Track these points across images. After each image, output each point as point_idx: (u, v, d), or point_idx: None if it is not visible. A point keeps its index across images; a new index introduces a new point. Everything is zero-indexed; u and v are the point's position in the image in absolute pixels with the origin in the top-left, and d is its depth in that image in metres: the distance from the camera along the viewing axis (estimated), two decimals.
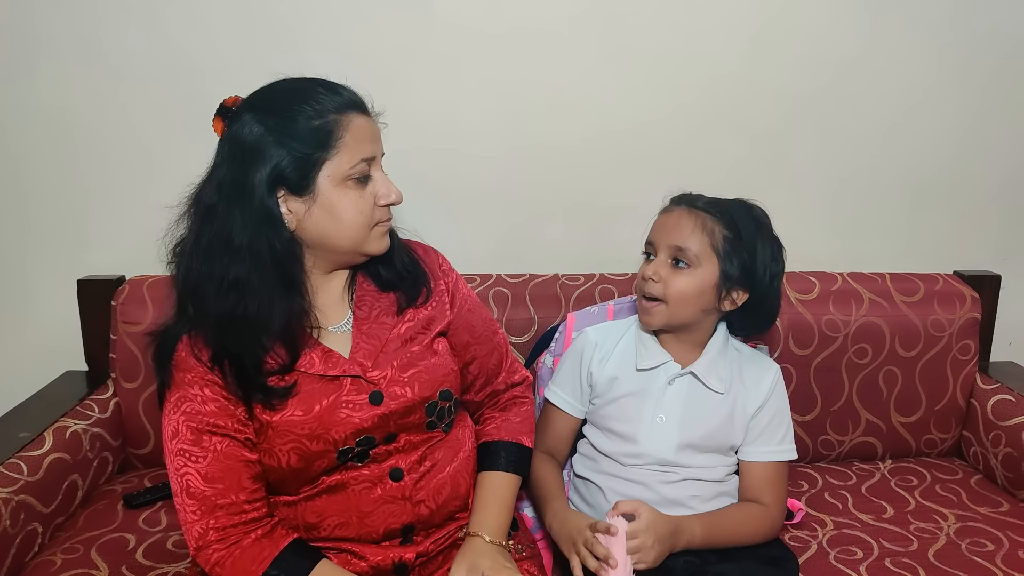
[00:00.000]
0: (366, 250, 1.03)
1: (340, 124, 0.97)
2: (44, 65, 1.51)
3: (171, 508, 1.36)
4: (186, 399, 0.97)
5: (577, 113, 1.60)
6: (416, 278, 1.11)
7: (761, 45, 1.59)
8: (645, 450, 1.20)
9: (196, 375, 0.97)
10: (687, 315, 1.18)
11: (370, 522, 1.03)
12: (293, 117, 0.96)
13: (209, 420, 0.97)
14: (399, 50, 1.54)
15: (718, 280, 1.16)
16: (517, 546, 1.14)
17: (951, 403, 1.60)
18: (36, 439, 1.29)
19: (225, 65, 1.53)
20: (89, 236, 1.60)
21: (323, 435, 0.99)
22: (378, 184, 1.01)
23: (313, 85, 0.99)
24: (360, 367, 1.03)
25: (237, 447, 0.98)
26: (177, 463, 0.97)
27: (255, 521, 0.98)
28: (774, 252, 1.19)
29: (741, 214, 1.18)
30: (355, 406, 1.01)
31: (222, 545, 0.96)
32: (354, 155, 0.98)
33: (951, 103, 1.67)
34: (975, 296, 1.60)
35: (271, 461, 1.00)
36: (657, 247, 1.18)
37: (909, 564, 1.26)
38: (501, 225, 1.65)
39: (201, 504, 0.96)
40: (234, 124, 0.97)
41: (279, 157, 0.95)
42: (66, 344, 1.59)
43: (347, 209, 0.98)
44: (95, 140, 1.55)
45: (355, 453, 1.02)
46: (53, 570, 1.18)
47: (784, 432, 1.23)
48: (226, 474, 0.96)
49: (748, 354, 1.27)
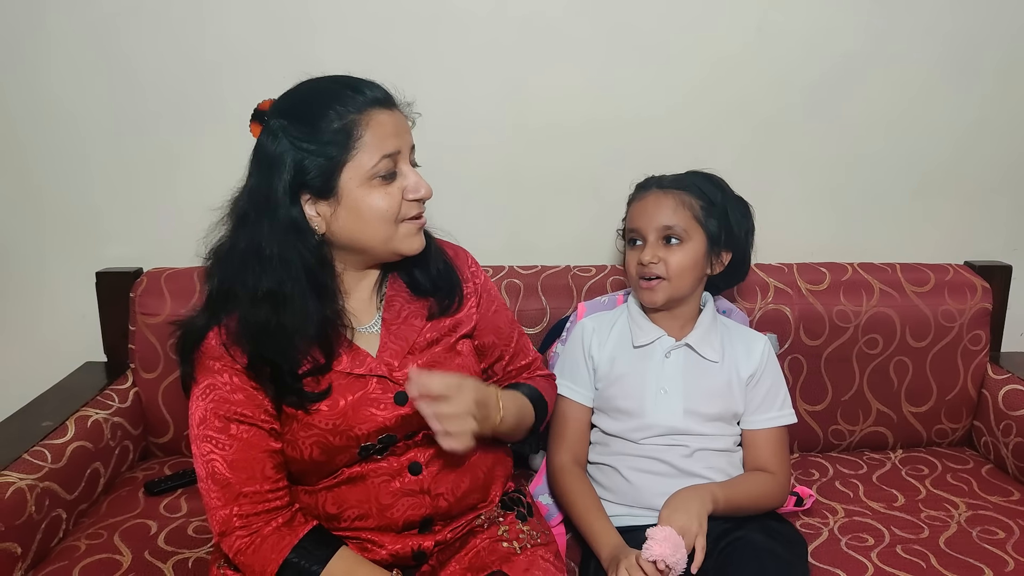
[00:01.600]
0: (398, 249, 1.03)
1: (359, 123, 0.97)
2: (61, 63, 1.53)
3: (191, 495, 1.39)
4: (215, 387, 0.99)
5: (585, 102, 1.61)
6: (451, 287, 1.12)
7: (768, 34, 1.60)
8: (653, 421, 1.23)
9: (225, 364, 0.99)
10: (688, 286, 1.24)
11: (389, 514, 1.05)
12: (313, 121, 0.96)
13: (236, 409, 0.99)
14: (405, 44, 1.55)
15: (707, 247, 1.24)
16: (532, 533, 1.16)
17: (962, 393, 1.61)
18: (59, 428, 1.32)
19: (239, 62, 1.54)
20: (107, 230, 1.62)
21: (347, 431, 1.01)
22: (407, 178, 1.01)
23: (334, 85, 0.99)
24: (387, 367, 1.05)
25: (262, 436, 1.00)
26: (204, 448, 0.99)
27: (277, 510, 1.00)
28: (743, 210, 1.29)
29: (704, 183, 1.27)
30: (380, 405, 1.03)
31: (245, 532, 0.98)
32: (375, 153, 0.97)
33: (960, 91, 1.67)
34: (986, 286, 1.60)
35: (294, 453, 1.02)
36: (645, 232, 1.24)
37: (920, 551, 1.27)
38: (512, 216, 1.67)
39: (225, 491, 0.98)
40: (264, 132, 0.99)
41: (300, 163, 0.96)
42: (85, 336, 1.62)
43: (373, 208, 0.98)
44: (112, 136, 1.57)
45: (376, 449, 1.04)
46: (78, 555, 1.21)
47: (783, 398, 1.29)
48: (250, 462, 0.98)
49: (734, 327, 1.33)
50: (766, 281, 1.56)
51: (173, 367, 1.49)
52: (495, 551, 1.09)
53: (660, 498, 1.19)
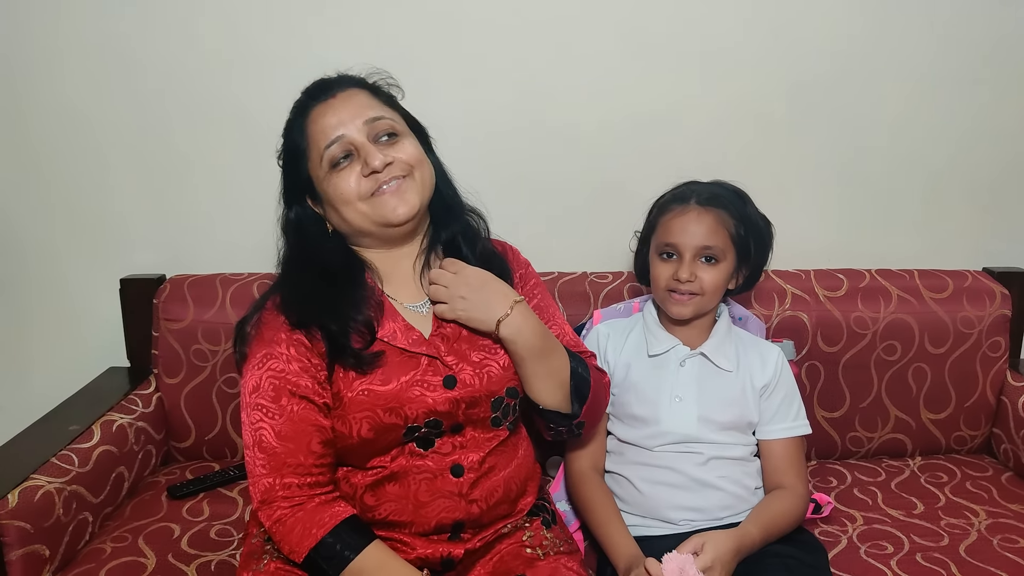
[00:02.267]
0: (383, 220, 1.05)
1: (300, 126, 1.06)
2: (82, 72, 1.56)
3: (214, 499, 1.41)
4: (272, 356, 1.02)
5: (599, 107, 1.61)
6: (501, 271, 1.14)
7: (785, 42, 1.60)
8: (668, 428, 1.24)
9: (285, 334, 1.02)
10: (715, 302, 1.27)
11: (424, 512, 1.06)
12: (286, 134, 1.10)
13: (291, 379, 1.01)
14: (420, 48, 1.57)
15: (735, 265, 1.26)
16: (555, 540, 1.16)
17: (981, 400, 1.60)
18: (85, 432, 1.34)
19: (259, 68, 1.57)
20: (131, 237, 1.64)
21: (397, 408, 1.03)
22: (361, 158, 1.04)
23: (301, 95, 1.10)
24: (438, 349, 1.07)
25: (313, 411, 1.02)
26: (254, 416, 1.01)
27: (320, 485, 1.02)
28: (764, 224, 1.30)
29: (736, 200, 1.27)
30: (430, 386, 1.04)
31: (287, 504, 0.99)
32: (318, 147, 1.04)
33: (981, 97, 1.66)
34: (1005, 293, 1.60)
35: (343, 428, 1.03)
36: (682, 249, 1.23)
37: (940, 559, 1.27)
38: (529, 222, 1.67)
39: (271, 459, 1.00)
40: None
41: (287, 174, 1.09)
42: (109, 341, 1.65)
43: (340, 196, 1.04)
44: (135, 144, 1.60)
45: (421, 434, 1.05)
46: (104, 557, 1.23)
47: (797, 408, 1.29)
48: (298, 435, 1.00)
49: (748, 337, 1.34)
50: (783, 288, 1.56)
51: (195, 372, 1.52)
52: (519, 556, 1.11)
53: (673, 510, 1.21)
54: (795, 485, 1.24)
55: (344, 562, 0.97)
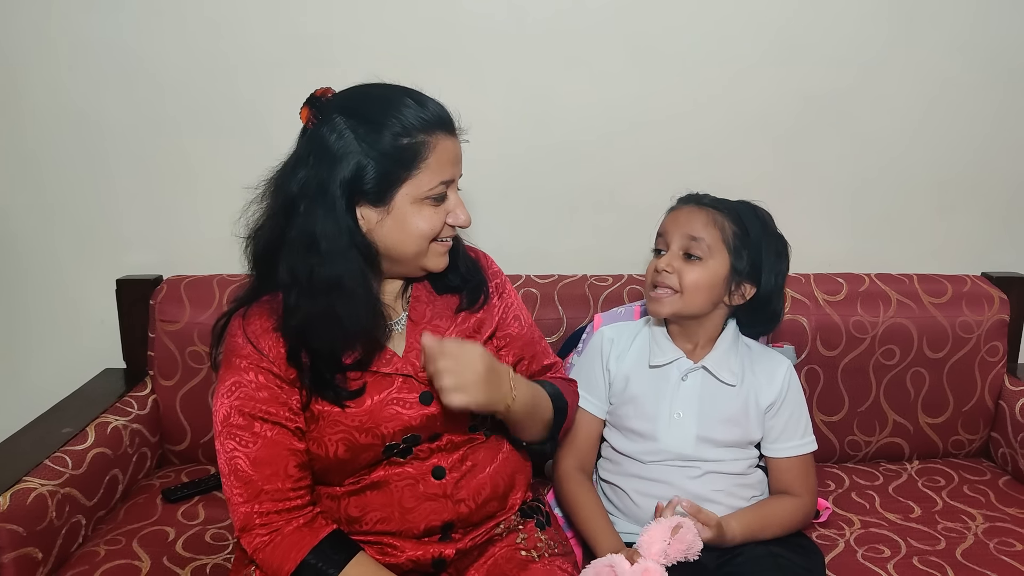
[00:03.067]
0: (425, 264, 1.05)
1: (427, 145, 0.98)
2: (81, 70, 1.55)
3: (209, 502, 1.40)
4: (240, 384, 1.00)
5: (602, 112, 1.62)
6: (479, 283, 1.13)
7: (784, 45, 1.60)
8: (664, 446, 1.22)
9: (251, 361, 1.00)
10: (698, 306, 1.21)
11: (411, 518, 1.06)
12: (381, 130, 0.96)
13: (261, 407, 1.00)
14: (424, 52, 1.57)
15: (728, 273, 1.20)
16: (550, 542, 1.16)
17: (979, 404, 1.60)
18: (79, 434, 1.33)
19: (258, 70, 1.56)
20: (127, 237, 1.64)
21: (373, 429, 1.02)
22: (451, 204, 1.03)
23: (404, 96, 1.00)
24: (412, 367, 1.05)
25: (286, 435, 1.01)
26: (227, 445, 1.00)
27: (298, 509, 1.01)
28: (779, 250, 1.24)
29: (747, 213, 1.23)
30: (406, 404, 1.03)
31: (265, 530, 0.99)
32: (435, 177, 0.99)
33: (976, 103, 1.67)
34: (1003, 298, 1.60)
35: (319, 450, 1.02)
36: (670, 239, 1.21)
37: (937, 563, 1.27)
38: (530, 226, 1.67)
39: (247, 487, 0.99)
40: (323, 123, 0.97)
41: (363, 168, 0.96)
42: (104, 342, 1.64)
43: (418, 224, 1.00)
44: (132, 144, 1.59)
45: (399, 449, 1.04)
46: (97, 560, 1.22)
47: (805, 425, 1.27)
48: (273, 460, 0.99)
49: (758, 350, 1.30)
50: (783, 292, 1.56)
51: (191, 374, 1.51)
52: (513, 559, 1.10)
53: None
54: (802, 495, 1.23)
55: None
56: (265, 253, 1.01)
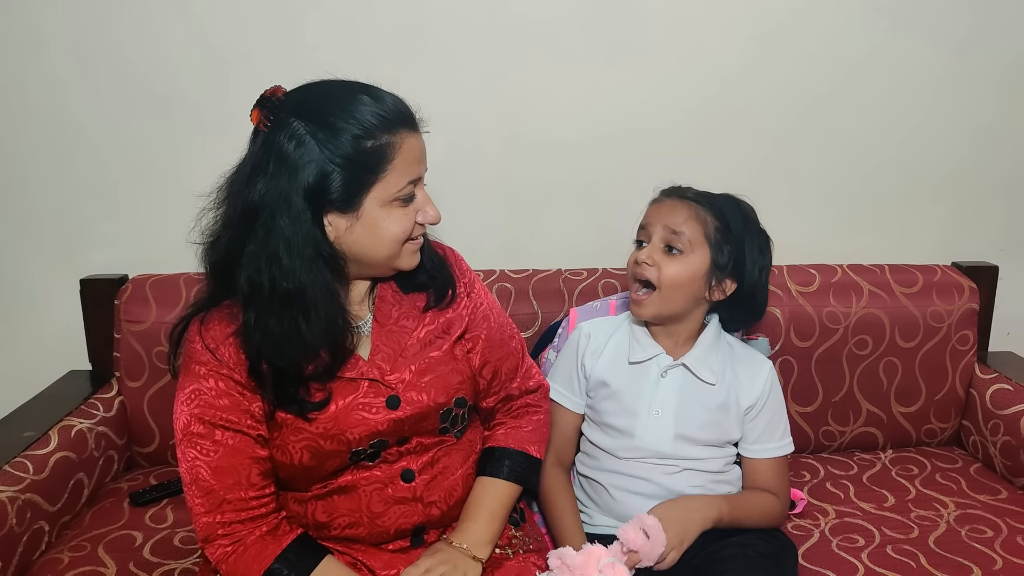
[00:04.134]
0: (397, 265, 1.02)
1: (392, 145, 0.94)
2: (43, 65, 1.51)
3: (178, 505, 1.37)
4: (200, 392, 0.97)
5: (578, 107, 1.61)
6: (445, 279, 1.10)
7: (762, 42, 1.60)
8: (642, 443, 1.21)
9: (210, 368, 0.97)
10: (678, 303, 1.19)
11: (381, 522, 1.04)
12: (341, 134, 0.92)
13: (221, 415, 0.97)
14: (397, 46, 1.55)
15: (708, 269, 1.18)
16: (525, 539, 1.15)
17: (950, 393, 1.62)
18: (41, 438, 1.30)
19: (229, 66, 1.53)
20: (91, 236, 1.60)
21: (338, 436, 0.99)
22: (420, 202, 1.00)
23: (359, 94, 0.95)
24: (379, 370, 1.03)
25: (248, 443, 0.98)
26: (188, 454, 0.97)
27: (261, 517, 0.98)
28: (762, 245, 1.23)
29: (730, 207, 1.21)
30: (372, 409, 1.01)
31: (227, 541, 0.96)
32: (403, 178, 0.96)
33: (951, 100, 1.68)
34: (973, 287, 1.61)
35: (283, 458, 1.00)
36: (651, 231, 1.20)
37: (910, 551, 1.27)
38: (504, 220, 1.66)
39: (209, 497, 0.96)
40: (279, 128, 0.93)
41: (328, 176, 0.92)
42: (69, 343, 1.60)
43: (389, 228, 0.97)
44: (96, 140, 1.55)
45: (367, 454, 1.02)
46: (61, 568, 1.18)
47: (783, 428, 1.26)
48: (235, 469, 0.97)
49: (740, 349, 1.28)
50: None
51: (159, 375, 1.48)
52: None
53: None
54: (778, 495, 1.23)
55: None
56: (223, 263, 0.96)
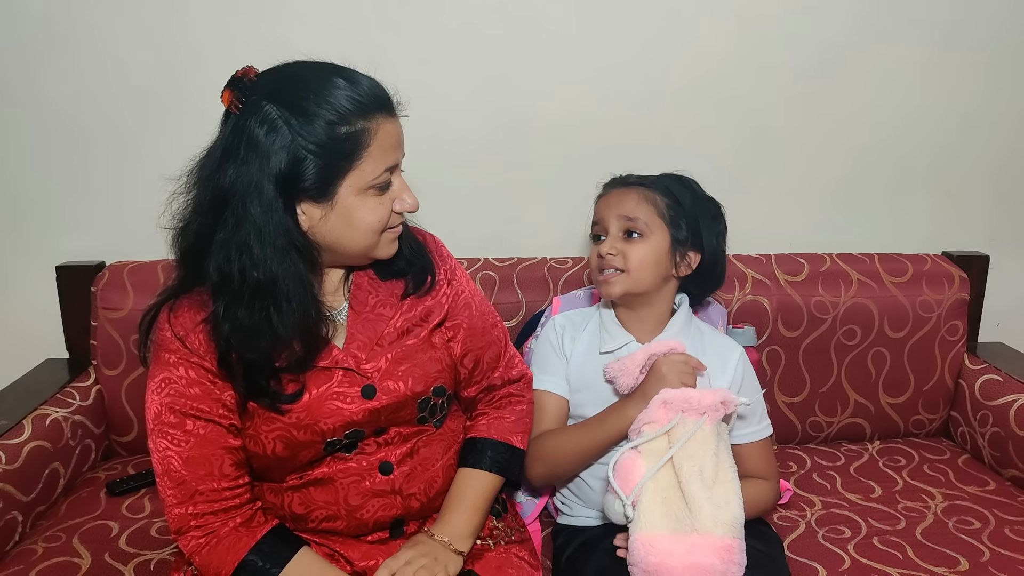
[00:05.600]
0: (375, 255, 1.00)
1: (368, 132, 0.91)
2: (16, 46, 1.47)
3: (155, 495, 1.35)
4: (170, 381, 0.95)
5: (562, 95, 1.58)
6: (424, 265, 1.08)
7: (748, 26, 1.58)
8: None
9: (180, 356, 0.95)
10: (647, 282, 1.19)
11: (359, 515, 1.02)
12: (315, 119, 0.89)
13: (193, 404, 0.95)
14: (382, 33, 1.52)
15: (670, 245, 1.19)
16: (507, 529, 1.14)
17: (939, 384, 1.61)
18: (15, 427, 1.27)
19: (203, 46, 1.50)
20: (67, 222, 1.57)
21: (311, 425, 0.97)
22: (397, 190, 0.97)
23: (334, 77, 0.92)
24: (354, 359, 1.00)
25: (220, 432, 0.96)
26: (160, 444, 0.95)
27: (235, 508, 0.97)
28: (714, 213, 1.24)
29: (674, 184, 1.23)
30: (346, 398, 0.99)
31: (200, 532, 0.95)
32: (379, 165, 0.93)
33: (941, 88, 1.66)
34: (963, 276, 1.60)
35: (256, 448, 0.98)
36: (607, 224, 1.20)
37: (896, 542, 1.27)
38: (488, 208, 1.64)
39: (181, 488, 0.94)
40: (251, 112, 0.89)
41: (301, 163, 0.89)
42: (46, 332, 1.57)
43: (364, 217, 0.95)
44: (71, 124, 1.52)
45: (343, 445, 1.00)
46: (34, 559, 1.16)
47: (761, 411, 1.25)
48: (207, 459, 0.95)
49: (710, 335, 1.28)
50: (744, 272, 1.54)
51: (136, 364, 1.45)
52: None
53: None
54: (769, 478, 1.22)
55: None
56: (192, 250, 0.94)
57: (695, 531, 0.99)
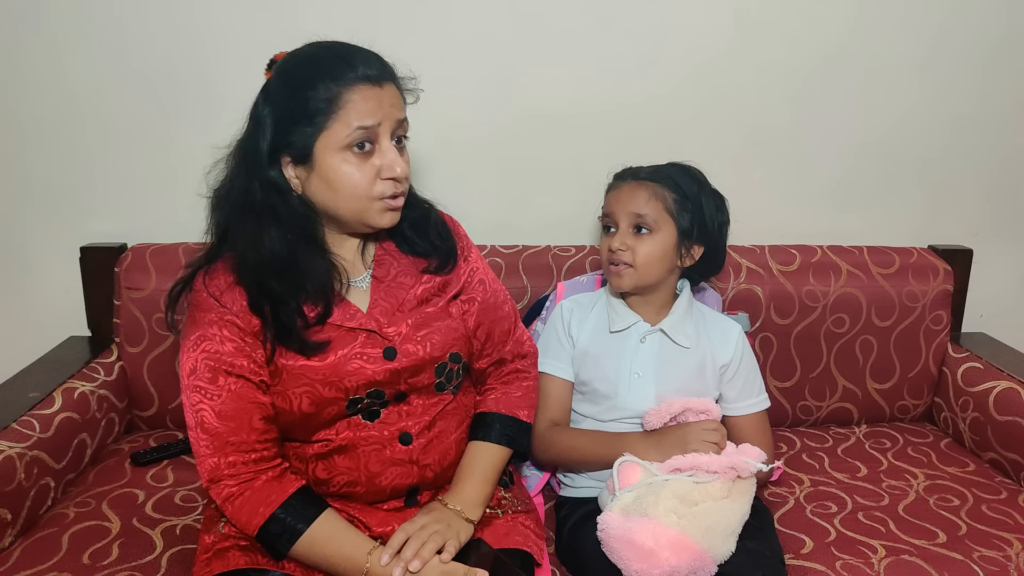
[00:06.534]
0: (370, 223, 1.05)
1: (341, 96, 0.98)
2: (44, 37, 1.53)
3: (178, 465, 1.42)
4: (205, 338, 1.02)
5: (571, 89, 1.64)
6: (450, 249, 1.16)
7: (748, 26, 1.64)
8: (624, 404, 1.28)
9: (216, 315, 1.02)
10: (654, 275, 1.27)
11: (378, 481, 1.09)
12: (300, 87, 0.98)
13: (227, 360, 1.01)
14: (393, 23, 1.57)
15: (676, 240, 1.26)
16: (514, 500, 1.20)
17: (923, 371, 1.68)
18: (46, 399, 1.33)
19: (224, 37, 1.55)
20: (91, 205, 1.62)
21: (336, 382, 1.04)
22: (384, 155, 1.01)
23: (330, 55, 1.00)
24: (376, 323, 1.08)
25: (251, 388, 1.03)
26: (193, 399, 1.02)
27: (265, 460, 1.03)
28: (717, 204, 1.30)
29: (682, 176, 1.28)
30: (369, 358, 1.06)
31: (234, 481, 1.01)
32: (351, 123, 0.98)
33: (930, 87, 1.72)
34: (948, 269, 1.67)
35: (284, 404, 1.04)
36: (617, 219, 1.27)
37: (880, 517, 1.34)
38: (495, 197, 1.70)
39: (214, 439, 1.01)
40: (263, 87, 1.02)
41: (281, 126, 0.99)
42: (68, 310, 1.63)
43: (344, 180, 1.00)
44: (96, 113, 1.57)
45: (364, 404, 1.07)
46: (67, 522, 1.23)
47: (759, 385, 1.34)
48: (239, 413, 1.01)
49: (711, 315, 1.37)
50: (739, 262, 1.61)
51: (158, 341, 1.52)
52: None
53: None
54: (764, 449, 1.27)
55: (296, 534, 1.00)
56: (217, 212, 1.05)
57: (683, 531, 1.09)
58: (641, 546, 1.07)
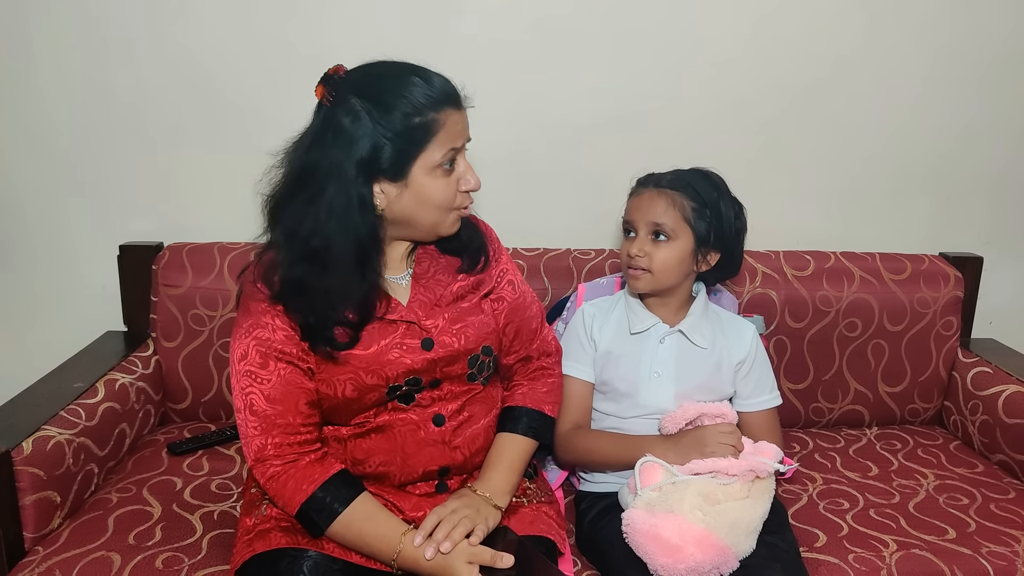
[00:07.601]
0: (440, 231, 1.13)
1: (436, 122, 1.05)
2: (89, 48, 1.60)
3: (212, 456, 1.47)
4: (258, 326, 1.08)
5: (591, 98, 1.70)
6: (479, 246, 1.22)
7: (765, 38, 1.69)
8: (645, 401, 1.33)
9: (267, 305, 1.08)
10: (671, 280, 1.32)
11: (412, 462, 1.15)
12: (393, 110, 1.02)
13: (277, 347, 1.07)
14: (416, 31, 1.63)
15: (693, 247, 1.30)
16: (538, 491, 1.25)
17: (934, 375, 1.72)
18: (89, 389, 1.40)
19: (261, 51, 1.62)
20: (130, 205, 1.69)
21: (378, 371, 1.10)
22: (461, 170, 1.10)
23: (411, 75, 1.06)
24: (416, 315, 1.14)
25: (298, 374, 1.09)
26: (244, 383, 1.08)
27: (308, 443, 1.09)
28: (736, 211, 1.34)
29: (701, 183, 1.32)
30: (408, 348, 1.12)
31: (279, 461, 1.07)
32: (444, 146, 1.06)
33: (941, 98, 1.77)
34: (958, 276, 1.71)
35: (328, 390, 1.10)
36: (636, 226, 1.32)
37: (891, 514, 1.38)
38: (517, 203, 1.75)
39: (262, 422, 1.07)
40: (339, 104, 1.03)
41: (380, 148, 1.03)
42: (105, 307, 1.70)
43: (434, 195, 1.08)
44: (136, 119, 1.64)
45: (403, 391, 1.13)
46: (111, 506, 1.29)
47: (772, 383, 1.39)
48: (286, 397, 1.07)
49: (726, 316, 1.42)
50: (754, 267, 1.66)
51: (193, 336, 1.58)
52: None
53: None
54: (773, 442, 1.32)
55: (334, 514, 1.05)
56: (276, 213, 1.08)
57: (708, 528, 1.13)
58: (667, 541, 1.11)
